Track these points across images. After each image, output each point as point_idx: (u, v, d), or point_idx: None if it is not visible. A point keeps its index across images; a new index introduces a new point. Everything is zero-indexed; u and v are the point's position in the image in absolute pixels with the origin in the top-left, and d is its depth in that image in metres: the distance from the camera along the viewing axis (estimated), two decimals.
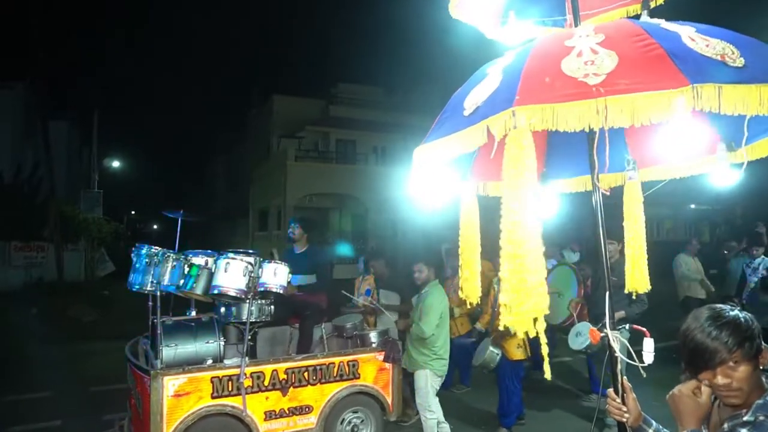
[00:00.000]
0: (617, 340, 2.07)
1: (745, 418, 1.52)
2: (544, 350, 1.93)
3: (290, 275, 4.27)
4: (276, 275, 4.12)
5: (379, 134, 26.22)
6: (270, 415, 4.10)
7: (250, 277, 4.00)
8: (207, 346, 4.13)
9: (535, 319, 1.86)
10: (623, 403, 1.95)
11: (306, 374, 4.26)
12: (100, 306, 14.21)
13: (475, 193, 2.85)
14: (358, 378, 4.48)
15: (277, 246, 18.92)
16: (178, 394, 3.76)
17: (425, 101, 29.48)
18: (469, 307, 6.03)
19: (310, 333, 4.76)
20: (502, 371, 5.14)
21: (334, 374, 4.38)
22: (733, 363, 1.49)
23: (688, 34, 1.93)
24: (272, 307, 4.35)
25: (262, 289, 4.10)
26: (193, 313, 4.46)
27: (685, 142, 2.16)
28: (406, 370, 4.79)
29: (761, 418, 1.48)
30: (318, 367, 4.31)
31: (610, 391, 2.01)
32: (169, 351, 3.98)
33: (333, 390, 4.37)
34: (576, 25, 2.40)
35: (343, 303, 5.62)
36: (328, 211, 26.14)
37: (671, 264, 8.64)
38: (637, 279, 2.73)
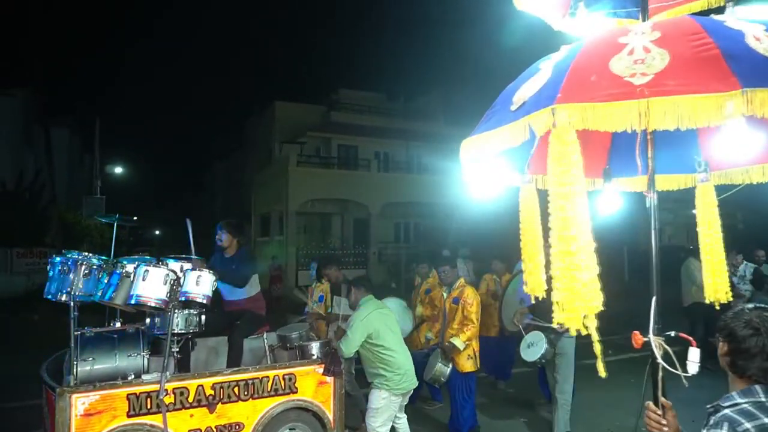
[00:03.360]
0: (660, 347, 2.00)
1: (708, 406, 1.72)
2: (597, 348, 1.88)
3: (215, 283, 4.00)
4: (199, 284, 3.85)
5: (381, 140, 26.09)
6: None
7: (171, 286, 3.75)
8: (129, 359, 3.88)
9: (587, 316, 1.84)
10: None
11: (236, 389, 3.99)
12: (102, 312, 14.11)
13: (534, 186, 2.76)
14: (296, 392, 4.20)
15: (277, 252, 18.76)
16: (89, 413, 3.51)
17: (427, 107, 29.45)
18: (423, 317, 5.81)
19: (240, 344, 4.50)
20: (452, 384, 4.88)
21: (269, 389, 4.10)
22: None
23: (754, 33, 1.83)
24: (202, 317, 4.09)
25: (183, 298, 3.83)
26: (118, 325, 4.21)
27: (764, 144, 2.08)
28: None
29: (713, 418, 1.66)
30: (250, 382, 4.03)
31: (650, 403, 1.93)
32: (85, 366, 3.73)
33: (267, 406, 4.08)
34: (644, 20, 2.33)
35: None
36: (330, 217, 26.00)
37: (675, 270, 8.25)
38: (719, 288, 2.61)
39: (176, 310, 3.91)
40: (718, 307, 2.71)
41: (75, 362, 3.69)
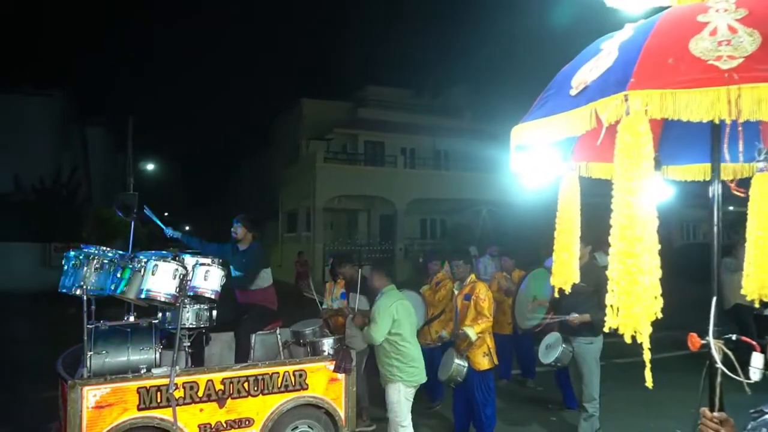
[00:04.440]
0: (720, 351, 1.89)
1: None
2: (647, 356, 1.69)
3: (224, 278, 4.01)
4: (207, 279, 3.86)
5: (407, 136, 25.99)
6: (205, 429, 3.85)
7: (180, 280, 3.77)
8: (141, 353, 3.92)
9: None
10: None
11: (246, 384, 3.98)
12: (137, 307, 14.45)
13: (577, 174, 2.66)
14: (306, 389, 4.18)
15: (304, 248, 18.89)
16: (100, 406, 3.56)
17: (454, 103, 29.19)
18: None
19: (247, 339, 4.49)
20: (470, 383, 4.77)
21: (279, 385, 4.08)
22: None
23: None
24: (213, 312, 4.12)
25: (192, 293, 3.85)
26: (132, 319, 4.26)
27: None
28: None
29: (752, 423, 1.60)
30: (259, 377, 4.03)
31: (705, 410, 1.81)
32: (98, 359, 3.79)
33: (277, 402, 4.07)
34: None
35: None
36: (357, 213, 26.06)
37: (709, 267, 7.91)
38: (765, 284, 2.44)
39: (187, 305, 3.94)
40: (758, 305, 2.56)
41: (89, 355, 3.75)
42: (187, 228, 39.43)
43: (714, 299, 1.94)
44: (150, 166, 26.31)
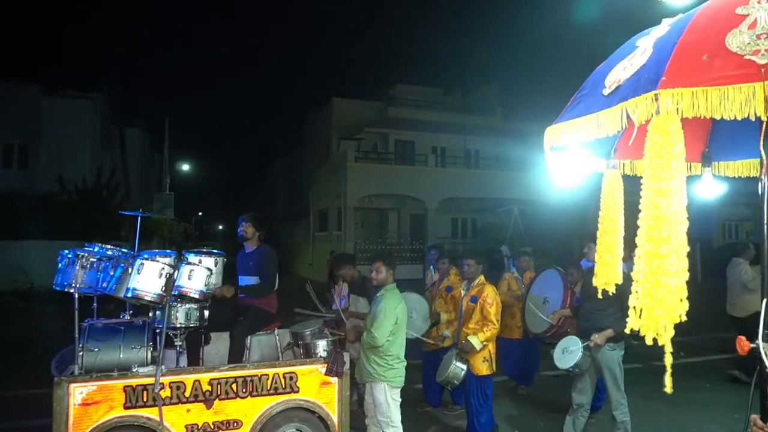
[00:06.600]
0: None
1: None
2: (668, 360, 1.68)
3: (210, 279, 3.97)
4: (191, 279, 3.83)
5: (438, 135, 25.78)
6: (192, 429, 3.82)
7: (167, 279, 3.75)
8: (133, 352, 3.92)
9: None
10: None
11: (234, 386, 3.94)
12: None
13: (620, 172, 2.62)
14: (297, 392, 4.10)
15: (336, 247, 18.93)
16: (86, 403, 3.58)
17: (485, 100, 28.79)
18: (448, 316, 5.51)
19: (242, 340, 4.43)
20: (467, 388, 4.60)
21: (268, 387, 4.02)
22: None
23: None
24: (204, 312, 4.09)
25: (176, 292, 3.83)
26: (127, 317, 4.28)
27: None
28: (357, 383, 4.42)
29: None
30: (248, 379, 3.97)
31: (756, 418, 1.76)
32: (90, 356, 3.81)
33: (266, 404, 4.01)
34: None
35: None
36: (388, 212, 25.98)
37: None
38: None
39: (177, 305, 3.93)
40: None
41: (80, 353, 3.78)
42: (220, 227, 40.14)
43: (764, 301, 1.85)
44: (185, 167, 26.97)
